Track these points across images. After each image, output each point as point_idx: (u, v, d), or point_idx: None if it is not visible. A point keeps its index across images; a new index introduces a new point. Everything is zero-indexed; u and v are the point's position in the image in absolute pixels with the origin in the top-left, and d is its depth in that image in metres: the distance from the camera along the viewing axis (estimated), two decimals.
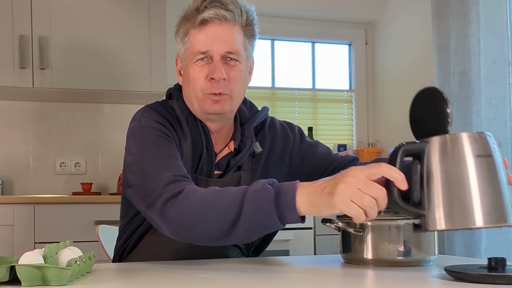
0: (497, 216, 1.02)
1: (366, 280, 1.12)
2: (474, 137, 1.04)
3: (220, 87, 1.39)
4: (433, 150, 1.04)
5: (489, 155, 1.03)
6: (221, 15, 1.37)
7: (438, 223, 1.03)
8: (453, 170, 1.02)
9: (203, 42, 1.38)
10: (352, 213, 1.04)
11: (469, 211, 1.02)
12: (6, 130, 3.41)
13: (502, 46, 2.98)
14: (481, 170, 1.02)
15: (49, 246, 1.04)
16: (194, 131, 1.44)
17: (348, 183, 1.04)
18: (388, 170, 1.03)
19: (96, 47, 3.21)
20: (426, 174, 1.04)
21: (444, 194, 1.03)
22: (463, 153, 1.02)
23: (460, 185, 1.02)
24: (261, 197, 1.12)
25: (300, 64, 4.12)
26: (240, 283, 1.06)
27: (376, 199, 1.03)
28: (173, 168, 1.28)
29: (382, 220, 1.24)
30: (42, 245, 1.28)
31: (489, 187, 1.02)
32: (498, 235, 2.96)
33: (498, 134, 2.98)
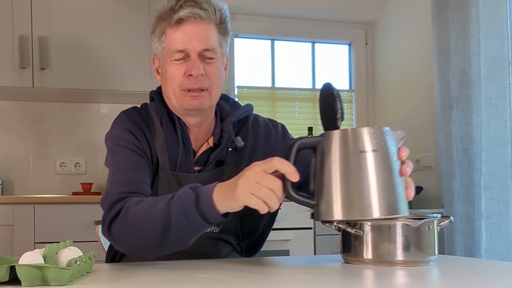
0: (387, 209, 1.06)
1: (366, 280, 1.12)
2: (362, 132, 1.07)
3: (198, 83, 1.43)
4: (326, 144, 1.09)
5: (376, 149, 1.06)
6: (196, 14, 1.42)
7: (325, 214, 1.08)
8: (342, 164, 1.06)
9: (180, 40, 1.42)
10: (253, 204, 1.11)
11: (351, 203, 1.06)
12: (6, 130, 3.41)
13: (502, 46, 2.98)
14: (366, 164, 1.06)
15: (49, 246, 1.04)
16: (169, 130, 1.48)
17: (247, 177, 1.12)
18: (279, 164, 1.10)
19: (96, 47, 3.21)
20: (319, 166, 1.09)
21: (331, 186, 1.07)
22: (350, 148, 1.07)
23: (345, 178, 1.06)
24: (184, 201, 1.21)
25: (300, 64, 4.12)
26: (240, 283, 1.06)
27: (273, 190, 1.10)
28: (127, 183, 1.37)
29: (382, 220, 1.24)
30: (42, 245, 1.28)
31: (376, 181, 1.06)
32: (498, 235, 2.96)
33: (498, 134, 2.98)
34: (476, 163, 3.03)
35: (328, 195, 1.07)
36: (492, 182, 2.99)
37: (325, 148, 1.09)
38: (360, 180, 1.05)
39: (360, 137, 1.07)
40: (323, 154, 1.09)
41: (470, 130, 3.07)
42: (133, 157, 1.42)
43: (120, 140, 1.44)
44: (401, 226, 1.23)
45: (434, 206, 3.44)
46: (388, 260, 1.23)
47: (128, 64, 3.23)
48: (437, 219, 1.28)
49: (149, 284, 1.05)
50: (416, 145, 3.69)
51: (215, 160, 1.50)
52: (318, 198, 1.08)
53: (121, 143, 1.44)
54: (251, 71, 4.01)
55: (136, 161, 1.42)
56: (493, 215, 2.98)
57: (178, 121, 1.48)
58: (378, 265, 1.24)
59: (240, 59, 3.98)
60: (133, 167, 1.41)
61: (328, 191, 1.07)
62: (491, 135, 3.00)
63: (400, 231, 1.23)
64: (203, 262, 1.38)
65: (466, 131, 3.09)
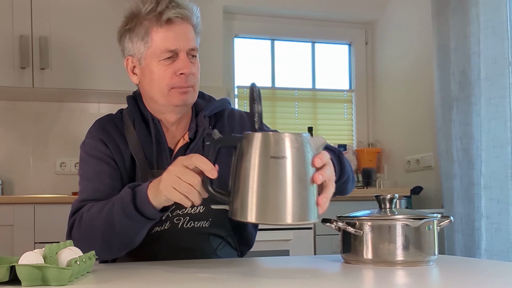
0: (275, 215, 1.05)
1: (366, 280, 1.12)
2: (273, 138, 1.07)
3: (188, 81, 1.46)
4: (244, 145, 1.09)
5: (284, 156, 1.06)
6: (183, 14, 1.46)
7: (239, 213, 1.08)
8: (247, 166, 1.07)
9: (171, 40, 1.45)
10: (175, 198, 1.16)
11: (248, 206, 1.06)
12: (6, 130, 3.41)
13: (502, 46, 2.98)
14: (269, 170, 1.06)
15: (49, 246, 1.04)
16: (143, 132, 1.52)
17: (170, 172, 1.17)
18: (198, 161, 1.13)
19: (96, 47, 3.21)
20: (235, 166, 1.10)
21: (243, 187, 1.07)
22: (261, 152, 1.07)
23: (256, 182, 1.06)
24: (123, 201, 1.29)
25: (300, 64, 4.11)
26: (240, 283, 1.06)
27: (192, 186, 1.13)
28: (88, 191, 1.45)
29: (382, 220, 1.24)
30: (42, 245, 1.29)
31: (283, 187, 1.05)
32: (498, 235, 2.96)
33: (498, 134, 2.98)
34: (476, 163, 3.03)
35: (241, 196, 1.07)
36: (492, 182, 2.99)
37: (242, 149, 1.09)
38: (268, 185, 1.05)
39: (270, 143, 1.06)
40: (240, 154, 1.09)
41: (470, 130, 3.07)
42: (99, 165, 1.48)
43: (90, 149, 1.51)
44: (401, 226, 1.23)
45: (434, 206, 3.44)
46: (388, 260, 1.23)
47: None
48: (437, 219, 1.29)
49: (149, 284, 1.05)
50: (416, 145, 3.69)
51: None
52: (233, 197, 1.09)
53: (91, 152, 1.50)
54: (251, 71, 4.01)
55: (102, 169, 1.47)
56: (493, 215, 2.98)
57: (152, 121, 1.52)
58: (378, 265, 1.24)
59: (240, 59, 3.98)
60: (97, 175, 1.46)
61: (241, 192, 1.07)
62: (491, 135, 3.00)
63: (400, 231, 1.23)
64: (203, 262, 1.38)
65: (466, 131, 3.09)
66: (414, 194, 3.51)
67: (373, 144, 4.09)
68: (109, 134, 1.52)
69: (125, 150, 1.50)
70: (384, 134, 4.03)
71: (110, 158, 1.49)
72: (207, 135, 1.54)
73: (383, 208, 1.30)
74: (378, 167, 3.96)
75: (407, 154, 3.77)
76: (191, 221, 1.49)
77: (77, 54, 3.17)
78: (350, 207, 1.82)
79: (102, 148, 1.50)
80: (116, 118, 1.58)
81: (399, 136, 3.87)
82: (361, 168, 3.83)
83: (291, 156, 1.06)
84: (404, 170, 3.80)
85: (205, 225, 1.51)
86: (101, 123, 1.55)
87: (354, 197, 3.20)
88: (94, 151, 1.50)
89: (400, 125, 3.86)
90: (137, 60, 1.51)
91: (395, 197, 1.31)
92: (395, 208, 1.30)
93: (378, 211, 1.30)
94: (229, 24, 3.88)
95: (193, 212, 1.49)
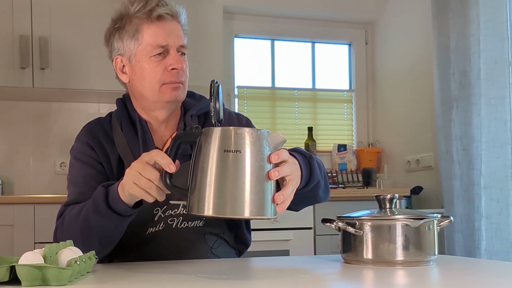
0: (230, 208, 1.06)
1: (366, 280, 1.12)
2: (229, 132, 1.08)
3: (179, 76, 1.48)
4: (202, 140, 1.10)
5: (239, 150, 1.06)
6: (173, 12, 1.48)
7: (195, 208, 1.08)
8: (204, 161, 1.08)
9: (162, 36, 1.47)
10: (136, 193, 1.19)
11: (205, 200, 1.06)
12: (6, 130, 3.41)
13: (502, 46, 2.98)
14: (225, 164, 1.06)
15: (49, 246, 1.05)
16: (130, 134, 1.54)
17: (132, 168, 1.19)
18: (156, 155, 1.15)
19: (96, 47, 3.20)
20: (193, 161, 1.11)
21: (196, 181, 1.08)
22: (216, 147, 1.07)
23: (211, 176, 1.06)
24: (97, 199, 1.31)
25: (300, 64, 4.11)
26: (240, 283, 1.06)
27: (151, 181, 1.16)
28: (74, 195, 1.48)
29: (382, 220, 1.24)
30: (42, 245, 1.29)
31: (236, 181, 1.06)
32: (498, 235, 2.96)
33: (498, 134, 2.98)
34: (476, 163, 3.03)
35: (198, 190, 1.08)
36: (492, 182, 2.99)
37: (200, 144, 1.10)
38: (224, 178, 1.06)
39: (226, 137, 1.07)
40: (198, 149, 1.10)
41: (470, 130, 3.07)
42: (86, 169, 1.50)
43: (77, 152, 1.54)
44: (401, 226, 1.23)
45: (434, 206, 3.44)
46: (388, 260, 1.23)
47: None
48: (437, 219, 1.29)
49: (149, 284, 1.05)
50: (416, 145, 3.69)
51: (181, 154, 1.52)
52: (190, 192, 1.10)
53: (78, 156, 1.53)
54: (251, 71, 4.01)
55: (88, 172, 1.50)
56: (493, 215, 2.98)
57: (139, 122, 1.54)
58: (378, 265, 1.24)
59: (240, 59, 3.98)
60: (84, 179, 1.49)
61: (198, 186, 1.08)
62: (491, 135, 3.00)
63: (400, 231, 1.23)
64: (202, 262, 1.38)
65: (466, 131, 3.09)
66: (414, 194, 3.51)
67: (373, 144, 4.09)
68: (95, 137, 1.54)
69: (112, 152, 1.52)
70: (384, 134, 4.03)
71: (97, 161, 1.51)
72: None
73: (383, 208, 1.30)
74: (378, 167, 3.96)
75: (407, 154, 3.77)
76: (184, 221, 1.50)
77: (77, 54, 3.17)
78: (350, 207, 1.83)
79: (88, 151, 1.52)
80: (105, 121, 1.60)
81: (399, 136, 3.87)
82: (361, 168, 3.84)
83: (247, 151, 1.06)
84: (404, 170, 3.80)
85: (199, 224, 1.52)
86: (89, 127, 1.58)
87: (354, 197, 3.20)
88: (81, 154, 1.53)
89: (400, 125, 3.86)
90: (127, 59, 1.52)
91: (395, 197, 1.31)
92: (395, 208, 1.30)
93: (378, 211, 1.30)
94: (229, 24, 3.88)
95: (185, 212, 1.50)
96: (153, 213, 1.49)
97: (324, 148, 4.02)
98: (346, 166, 3.88)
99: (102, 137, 1.54)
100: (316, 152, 3.86)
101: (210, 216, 1.07)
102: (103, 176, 1.50)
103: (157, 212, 1.49)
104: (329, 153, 4.01)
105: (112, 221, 1.32)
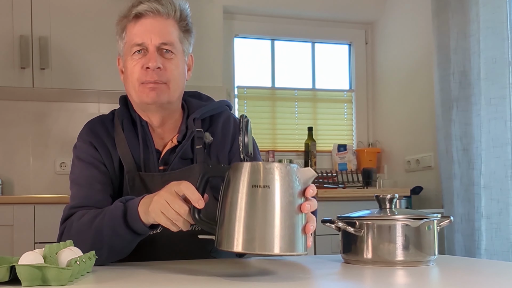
0: (259, 245, 1.04)
1: (366, 280, 1.12)
2: (257, 168, 1.06)
3: (154, 76, 1.44)
4: (231, 175, 1.09)
5: (267, 186, 1.05)
6: (154, 9, 1.44)
7: (225, 243, 1.07)
8: (233, 196, 1.06)
9: (139, 34, 1.45)
10: (163, 222, 1.18)
11: (235, 236, 1.05)
12: (6, 130, 3.41)
13: (502, 46, 2.98)
14: (254, 199, 1.05)
15: (49, 246, 1.04)
16: (131, 133, 1.52)
17: (160, 196, 1.17)
18: (186, 189, 1.13)
19: (96, 47, 3.21)
20: (222, 196, 1.10)
21: (225, 216, 1.07)
22: (245, 182, 1.06)
23: (240, 211, 1.05)
24: (113, 216, 1.29)
25: (300, 64, 4.11)
26: (240, 283, 1.06)
27: (180, 214, 1.14)
28: (78, 198, 1.46)
29: (382, 220, 1.24)
30: (42, 245, 1.29)
31: (266, 216, 1.04)
32: (498, 235, 2.96)
33: (498, 134, 2.98)
34: (476, 163, 3.03)
35: (226, 225, 1.07)
36: (492, 182, 2.99)
37: (229, 179, 1.09)
38: (252, 214, 1.04)
39: (255, 172, 1.06)
40: (227, 184, 1.09)
41: (470, 130, 3.07)
42: (89, 170, 1.48)
43: (80, 152, 1.51)
44: (401, 226, 1.23)
45: (434, 206, 3.44)
46: (388, 260, 1.23)
47: None
48: (437, 219, 1.29)
49: (149, 284, 1.05)
50: (416, 145, 3.69)
51: (180, 158, 1.51)
52: (219, 226, 1.09)
53: (81, 156, 1.51)
54: (251, 71, 4.01)
55: (92, 174, 1.47)
56: (493, 215, 2.98)
57: (140, 122, 1.52)
58: (378, 265, 1.24)
59: (240, 59, 3.98)
60: (87, 181, 1.47)
61: (226, 221, 1.07)
62: (491, 135, 3.00)
63: (400, 231, 1.23)
64: (203, 262, 1.38)
65: (466, 131, 3.09)
66: (414, 194, 3.51)
67: (373, 144, 4.09)
68: (98, 136, 1.52)
69: (115, 153, 1.50)
70: (384, 134, 4.03)
71: (100, 162, 1.49)
72: (197, 138, 1.52)
73: (383, 208, 1.30)
74: (378, 167, 3.96)
75: (407, 154, 3.77)
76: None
77: (77, 54, 3.17)
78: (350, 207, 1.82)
79: (92, 152, 1.50)
80: (107, 119, 1.58)
81: (399, 136, 3.87)
82: (361, 168, 3.84)
83: (276, 186, 1.05)
84: (404, 170, 3.80)
85: (198, 228, 1.49)
86: (91, 125, 1.55)
87: (354, 197, 3.20)
88: (84, 155, 1.50)
89: (400, 125, 3.86)
90: (121, 58, 1.54)
91: (395, 197, 1.31)
92: (395, 208, 1.30)
93: (378, 211, 1.30)
94: (229, 24, 3.88)
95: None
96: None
97: (324, 148, 4.02)
98: (346, 166, 3.88)
99: (104, 136, 1.52)
100: (316, 152, 3.87)
101: (240, 252, 1.05)
102: (107, 177, 1.49)
103: None
104: (329, 153, 4.02)
105: (126, 238, 1.30)
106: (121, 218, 1.27)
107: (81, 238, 1.34)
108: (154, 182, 1.47)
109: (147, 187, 1.48)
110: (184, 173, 1.49)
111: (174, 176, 1.46)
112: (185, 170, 1.50)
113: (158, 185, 1.44)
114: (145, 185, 1.48)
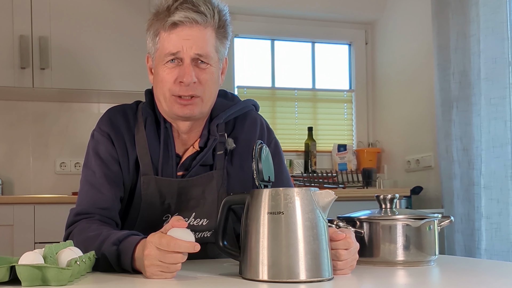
0: (278, 272, 1.04)
1: (366, 280, 1.12)
2: (271, 194, 1.06)
3: (189, 90, 1.37)
4: (249, 202, 1.09)
5: (286, 212, 1.04)
6: (191, 18, 1.36)
7: (248, 272, 1.07)
8: (253, 224, 1.07)
9: (173, 44, 1.36)
10: (168, 277, 1.11)
11: (255, 264, 1.05)
12: (6, 130, 3.41)
13: (502, 46, 2.98)
14: (275, 226, 1.05)
15: (49, 246, 1.04)
16: (152, 134, 1.45)
17: (151, 260, 1.10)
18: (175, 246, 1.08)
19: (96, 47, 3.21)
20: (243, 223, 1.10)
21: (246, 244, 1.08)
22: (260, 209, 1.06)
23: (255, 239, 1.06)
24: (107, 257, 1.20)
25: (300, 64, 4.11)
26: (240, 283, 1.06)
27: (177, 263, 1.09)
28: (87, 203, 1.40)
29: (383, 220, 1.24)
30: (42, 245, 1.29)
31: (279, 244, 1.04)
32: (498, 235, 2.96)
33: (498, 134, 2.98)
34: (476, 163, 3.03)
35: (248, 254, 1.07)
36: (492, 182, 2.99)
37: (248, 206, 1.09)
38: (274, 242, 1.04)
39: (274, 199, 1.06)
40: (246, 212, 1.10)
41: (470, 130, 3.07)
42: (103, 167, 1.42)
43: (96, 144, 1.46)
44: (402, 226, 1.23)
45: (434, 206, 3.44)
46: (389, 260, 1.23)
47: (127, 64, 3.23)
48: (437, 219, 1.29)
49: (150, 284, 1.05)
50: (416, 145, 3.69)
51: (200, 164, 1.46)
52: (241, 254, 1.10)
53: (97, 149, 1.45)
54: (251, 71, 4.01)
55: (104, 173, 1.42)
56: (493, 215, 2.98)
57: (164, 124, 1.46)
58: (379, 265, 1.24)
59: (240, 59, 3.98)
60: (99, 180, 1.41)
61: (248, 250, 1.08)
62: (491, 135, 3.00)
63: (400, 231, 1.23)
64: (203, 262, 1.38)
65: (466, 131, 3.09)
66: (414, 194, 3.51)
67: (373, 144, 4.09)
68: (118, 130, 1.45)
69: (132, 150, 1.44)
70: (384, 134, 4.03)
71: (115, 160, 1.43)
72: (219, 143, 1.46)
73: (383, 208, 1.30)
74: (378, 167, 3.96)
75: (407, 154, 3.77)
76: (192, 231, 1.45)
77: (77, 54, 3.17)
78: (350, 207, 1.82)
79: (109, 148, 1.44)
80: (130, 111, 1.49)
81: (399, 136, 3.87)
82: (361, 168, 3.83)
83: (297, 211, 1.04)
84: (404, 170, 3.80)
85: (206, 235, 1.47)
86: (112, 115, 1.47)
87: (354, 197, 3.20)
88: (100, 149, 1.44)
89: (400, 125, 3.86)
90: (152, 59, 1.46)
91: (395, 197, 1.31)
92: (396, 208, 1.30)
93: (378, 211, 1.30)
94: None
95: (196, 224, 1.45)
96: (162, 220, 1.43)
97: (324, 148, 4.02)
98: (346, 166, 3.88)
99: (124, 130, 1.45)
100: (316, 152, 3.86)
101: (266, 281, 1.04)
102: (118, 177, 1.43)
103: (166, 219, 1.43)
104: (329, 153, 4.01)
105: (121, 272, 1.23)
106: (115, 262, 1.20)
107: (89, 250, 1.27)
108: (170, 188, 1.42)
109: (162, 192, 1.43)
110: (201, 180, 1.45)
111: (191, 183, 1.44)
112: (203, 177, 1.45)
113: (173, 192, 1.43)
114: (160, 190, 1.43)
